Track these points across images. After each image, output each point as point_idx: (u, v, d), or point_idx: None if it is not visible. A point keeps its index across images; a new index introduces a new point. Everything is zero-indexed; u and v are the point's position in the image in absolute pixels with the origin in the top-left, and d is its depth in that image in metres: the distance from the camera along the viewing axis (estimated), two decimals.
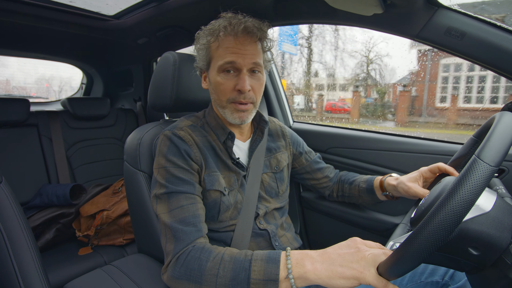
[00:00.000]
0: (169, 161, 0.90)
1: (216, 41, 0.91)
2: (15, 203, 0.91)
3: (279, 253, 0.72)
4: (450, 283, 0.87)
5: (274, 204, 1.08)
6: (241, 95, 0.91)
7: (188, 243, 0.80)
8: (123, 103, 2.79)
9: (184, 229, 0.81)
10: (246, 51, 0.90)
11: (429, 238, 0.51)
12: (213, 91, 0.96)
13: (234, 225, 0.97)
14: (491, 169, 0.51)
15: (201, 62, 0.98)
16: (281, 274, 0.68)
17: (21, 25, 1.72)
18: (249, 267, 0.70)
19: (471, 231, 0.59)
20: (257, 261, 0.71)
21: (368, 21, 1.13)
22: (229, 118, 0.95)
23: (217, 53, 0.91)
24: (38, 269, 0.89)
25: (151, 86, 1.16)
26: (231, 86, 0.91)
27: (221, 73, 0.91)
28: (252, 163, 1.04)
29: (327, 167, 1.31)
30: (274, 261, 0.70)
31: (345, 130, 1.63)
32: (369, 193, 1.18)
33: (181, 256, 0.77)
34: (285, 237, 1.08)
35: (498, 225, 0.59)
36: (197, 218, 0.85)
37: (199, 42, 0.97)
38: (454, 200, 0.49)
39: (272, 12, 1.39)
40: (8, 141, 1.91)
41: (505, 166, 1.12)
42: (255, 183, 1.03)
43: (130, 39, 2.02)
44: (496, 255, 0.58)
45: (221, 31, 0.90)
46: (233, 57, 0.89)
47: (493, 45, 0.91)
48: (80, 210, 1.80)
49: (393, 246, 0.73)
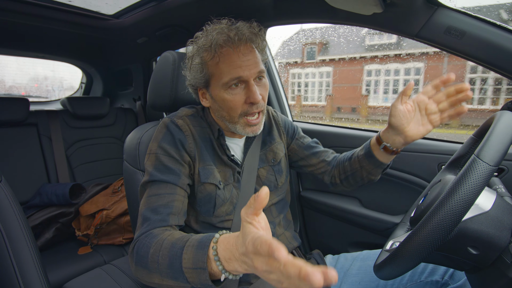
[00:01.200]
0: (161, 148, 0.90)
1: (214, 57, 0.87)
2: (14, 203, 0.91)
3: (211, 238, 0.64)
4: (450, 282, 0.88)
5: (272, 198, 1.06)
6: (254, 106, 0.89)
7: (146, 230, 0.78)
8: (122, 103, 2.79)
9: (151, 217, 0.81)
10: (249, 62, 0.86)
11: (428, 238, 0.51)
12: (220, 109, 0.92)
13: (230, 220, 0.97)
14: (490, 169, 0.51)
15: (196, 80, 0.93)
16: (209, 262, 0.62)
17: (20, 24, 1.72)
18: (181, 254, 0.66)
19: (470, 231, 0.59)
20: (188, 248, 0.66)
21: (367, 21, 1.13)
22: (241, 132, 0.93)
23: (219, 70, 0.87)
24: (38, 269, 0.89)
25: (150, 86, 1.16)
26: (241, 100, 0.88)
27: (227, 90, 0.88)
28: (247, 159, 1.03)
29: (324, 151, 1.19)
30: (202, 246, 0.63)
31: (345, 130, 1.63)
32: (368, 157, 1.01)
33: (136, 242, 0.77)
34: (284, 235, 1.07)
35: (497, 225, 0.59)
36: (169, 208, 0.83)
37: (193, 61, 0.92)
38: (453, 199, 0.50)
39: (271, 12, 1.39)
40: (8, 140, 1.91)
41: (505, 166, 1.12)
42: (251, 179, 1.02)
43: (129, 39, 2.02)
44: (495, 254, 0.58)
45: (218, 47, 0.86)
46: (239, 72, 0.85)
47: (492, 44, 0.91)
48: (80, 209, 1.80)
49: (392, 245, 0.73)
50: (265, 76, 0.94)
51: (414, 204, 0.95)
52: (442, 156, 1.26)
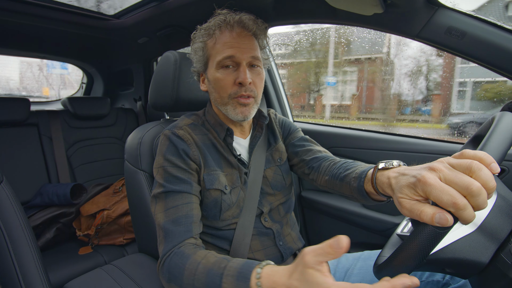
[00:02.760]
0: (167, 161, 0.90)
1: (212, 38, 0.91)
2: (15, 203, 0.91)
3: (251, 269, 0.66)
4: (451, 282, 0.87)
5: (280, 198, 1.06)
6: (242, 88, 0.90)
7: (174, 245, 0.79)
8: (123, 103, 2.79)
9: (174, 229, 0.81)
10: (244, 45, 0.90)
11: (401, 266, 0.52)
12: (213, 90, 0.95)
13: (235, 223, 0.96)
14: None
15: (199, 64, 0.97)
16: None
17: (21, 24, 1.72)
18: (220, 282, 0.67)
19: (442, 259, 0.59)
20: (228, 277, 0.67)
21: (368, 21, 1.13)
22: (231, 115, 0.94)
23: (215, 50, 0.91)
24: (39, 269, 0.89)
25: (151, 85, 1.16)
26: (231, 80, 0.90)
27: (220, 69, 0.91)
28: (253, 159, 1.03)
29: (306, 150, 1.09)
30: (244, 279, 0.66)
31: (345, 130, 1.63)
32: (360, 194, 0.82)
33: (166, 259, 0.78)
34: (290, 236, 1.07)
35: (477, 247, 0.58)
36: (190, 218, 0.84)
37: (195, 43, 0.96)
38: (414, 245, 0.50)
39: (272, 12, 1.39)
40: (8, 140, 1.92)
41: (506, 166, 1.12)
42: (257, 180, 1.02)
43: (130, 39, 2.02)
44: (474, 273, 0.58)
45: (216, 28, 0.90)
46: (232, 51, 0.88)
47: (493, 45, 0.91)
48: (81, 209, 1.80)
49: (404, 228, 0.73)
50: (262, 68, 0.96)
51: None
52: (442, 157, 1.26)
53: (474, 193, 0.45)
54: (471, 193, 0.46)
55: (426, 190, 0.50)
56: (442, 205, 0.48)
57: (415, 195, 0.53)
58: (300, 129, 1.20)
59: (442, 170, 0.50)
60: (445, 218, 0.46)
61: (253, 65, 0.93)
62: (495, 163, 0.48)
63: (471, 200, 0.46)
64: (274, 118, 1.18)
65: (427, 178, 0.50)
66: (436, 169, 0.51)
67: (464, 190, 0.46)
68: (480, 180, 0.46)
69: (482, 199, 0.46)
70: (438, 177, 0.50)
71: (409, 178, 0.56)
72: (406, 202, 0.54)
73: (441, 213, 0.47)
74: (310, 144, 1.13)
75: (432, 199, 0.50)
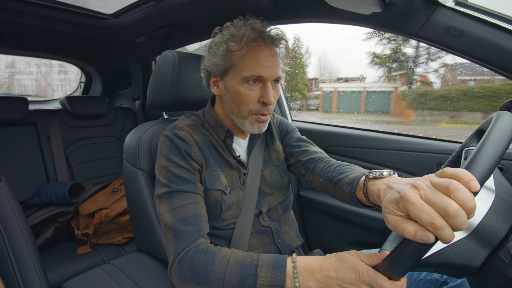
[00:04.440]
0: (170, 161, 0.90)
1: (242, 49, 0.87)
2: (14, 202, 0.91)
3: (285, 258, 0.72)
4: (449, 281, 0.88)
5: (278, 197, 1.07)
6: (265, 107, 0.90)
7: (189, 243, 0.79)
8: (121, 102, 2.79)
9: (185, 229, 0.81)
10: (272, 64, 0.88)
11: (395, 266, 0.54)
12: (231, 101, 0.92)
13: (234, 223, 0.97)
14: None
15: (215, 67, 0.92)
16: (288, 281, 0.69)
17: (19, 23, 1.72)
18: (256, 272, 0.71)
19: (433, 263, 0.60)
20: (264, 267, 0.71)
21: (367, 20, 1.13)
22: (247, 128, 0.94)
23: (242, 63, 0.87)
24: (37, 268, 0.89)
25: (150, 85, 1.16)
26: (255, 97, 0.89)
27: (245, 84, 0.88)
28: (252, 160, 1.03)
29: (302, 151, 1.10)
30: (280, 267, 0.70)
31: (344, 129, 1.64)
32: (352, 199, 0.84)
33: (183, 257, 0.77)
34: (288, 234, 1.07)
35: (469, 252, 0.58)
36: (199, 217, 0.84)
37: (219, 46, 0.90)
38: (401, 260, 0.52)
39: (270, 11, 1.39)
40: (7, 139, 1.91)
41: (504, 165, 1.12)
42: (255, 180, 1.02)
43: (128, 38, 2.02)
44: (465, 275, 0.58)
45: (250, 40, 0.86)
46: (262, 71, 0.86)
47: (491, 44, 0.91)
48: (79, 208, 1.80)
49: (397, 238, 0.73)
50: (280, 83, 0.96)
51: None
52: (441, 156, 1.27)
53: (451, 215, 0.46)
54: (448, 215, 0.46)
55: (407, 207, 0.51)
56: (421, 224, 0.49)
57: (398, 210, 0.54)
58: (297, 129, 1.20)
59: (424, 188, 0.51)
60: (427, 236, 0.48)
61: (275, 81, 0.92)
62: (474, 181, 0.48)
63: (449, 221, 0.47)
64: (272, 119, 1.18)
65: (409, 196, 0.51)
66: (418, 187, 0.52)
67: (442, 211, 0.47)
68: (458, 200, 0.47)
69: (460, 221, 0.46)
70: (420, 195, 0.51)
71: (394, 194, 0.57)
72: (391, 217, 0.56)
73: (423, 231, 0.48)
74: (306, 144, 1.13)
75: (412, 217, 0.51)
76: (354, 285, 0.63)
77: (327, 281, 0.66)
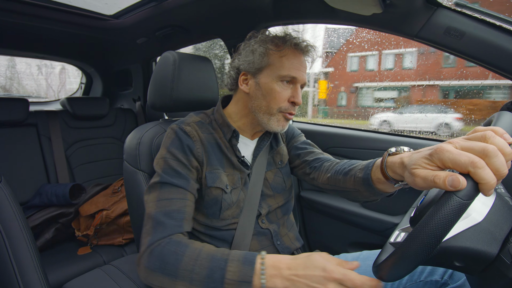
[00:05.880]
0: (170, 153, 0.91)
1: (282, 51, 0.95)
2: (14, 203, 0.91)
3: (255, 255, 0.73)
4: (449, 282, 0.87)
5: (279, 200, 1.08)
6: (294, 107, 0.97)
7: (164, 236, 0.79)
8: (122, 103, 2.79)
9: (166, 221, 0.81)
10: (304, 70, 0.98)
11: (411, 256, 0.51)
12: (262, 97, 0.97)
13: (236, 223, 0.97)
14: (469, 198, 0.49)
15: (249, 65, 0.97)
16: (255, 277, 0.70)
17: (20, 24, 1.72)
18: (225, 266, 0.71)
19: (453, 248, 0.59)
20: (234, 262, 0.72)
21: (367, 21, 1.13)
22: (272, 126, 0.97)
23: (280, 63, 0.94)
24: (37, 269, 0.89)
25: (150, 86, 1.16)
26: (286, 96, 0.96)
27: (279, 82, 0.95)
28: (257, 162, 1.04)
29: (309, 152, 1.12)
30: (249, 263, 0.71)
31: (344, 130, 1.63)
32: (366, 185, 0.84)
33: (156, 247, 0.77)
34: (287, 236, 1.07)
35: (486, 238, 0.58)
36: (182, 214, 0.84)
37: (259, 45, 0.96)
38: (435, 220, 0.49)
39: (271, 12, 1.40)
40: (7, 141, 1.91)
41: None
42: (258, 181, 1.03)
43: (129, 39, 2.02)
44: (483, 266, 0.58)
45: (292, 44, 0.95)
46: (297, 74, 0.95)
47: (492, 45, 0.91)
48: (80, 209, 1.80)
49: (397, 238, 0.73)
50: None
51: (414, 204, 0.95)
52: None
53: (491, 154, 0.46)
54: (488, 154, 0.46)
55: (443, 157, 0.51)
56: (460, 168, 0.48)
57: (429, 164, 0.54)
58: (303, 134, 1.23)
59: (458, 141, 0.52)
60: (457, 179, 0.47)
61: (302, 85, 1.00)
62: (507, 134, 0.49)
63: (489, 162, 0.46)
64: None
65: (444, 146, 0.52)
66: (452, 141, 0.53)
67: (481, 153, 0.47)
68: (496, 145, 0.47)
69: (500, 161, 0.46)
70: (454, 147, 0.51)
71: (425, 151, 0.57)
72: (420, 171, 0.56)
73: (454, 176, 0.48)
74: (312, 147, 1.16)
75: (450, 164, 0.50)
76: (321, 284, 0.65)
77: (294, 279, 0.68)
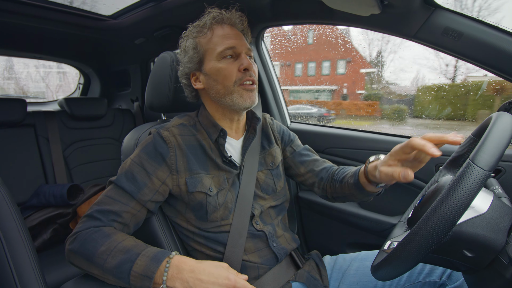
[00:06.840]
0: (138, 156, 0.92)
1: (206, 34, 0.95)
2: (11, 203, 0.90)
3: (167, 254, 0.78)
4: (447, 283, 0.88)
5: (270, 201, 1.06)
6: (247, 73, 0.93)
7: (95, 225, 0.83)
8: (120, 103, 2.79)
9: (97, 216, 0.84)
10: (237, 37, 0.96)
11: (423, 242, 0.51)
12: (215, 82, 0.95)
13: (227, 225, 0.96)
14: (485, 173, 0.51)
15: (190, 64, 0.98)
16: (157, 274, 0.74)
17: (17, 24, 1.72)
18: (135, 260, 0.75)
19: (465, 234, 0.59)
20: (144, 257, 0.76)
21: (365, 22, 1.13)
22: (239, 103, 0.94)
23: (212, 43, 0.94)
24: (35, 270, 0.88)
25: (148, 86, 1.16)
26: (235, 68, 0.93)
27: (221, 60, 0.93)
28: (246, 161, 1.03)
29: (313, 160, 1.16)
30: (157, 260, 0.76)
31: (343, 130, 1.63)
32: (357, 188, 0.98)
33: (82, 233, 0.81)
34: (283, 237, 1.06)
35: (493, 227, 0.59)
36: (116, 216, 0.86)
37: (186, 41, 0.99)
38: (447, 204, 0.50)
39: (269, 13, 1.40)
40: (5, 141, 1.91)
41: (502, 166, 1.12)
42: (250, 181, 1.02)
43: (127, 39, 2.02)
44: (491, 256, 0.58)
45: (212, 23, 0.95)
46: (232, 42, 0.93)
47: (490, 46, 0.91)
48: (78, 210, 1.79)
49: (390, 245, 0.73)
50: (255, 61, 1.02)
51: (412, 205, 0.95)
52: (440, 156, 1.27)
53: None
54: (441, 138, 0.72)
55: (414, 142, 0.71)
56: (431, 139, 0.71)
57: (403, 153, 0.77)
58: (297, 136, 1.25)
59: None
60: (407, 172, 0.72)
61: (249, 56, 0.97)
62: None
63: None
64: (270, 123, 1.19)
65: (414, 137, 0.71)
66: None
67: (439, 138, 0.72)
68: None
69: None
70: None
71: (397, 146, 0.79)
72: (384, 168, 0.80)
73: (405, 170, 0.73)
74: (313, 154, 1.20)
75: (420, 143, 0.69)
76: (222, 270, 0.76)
77: (196, 283, 0.73)
